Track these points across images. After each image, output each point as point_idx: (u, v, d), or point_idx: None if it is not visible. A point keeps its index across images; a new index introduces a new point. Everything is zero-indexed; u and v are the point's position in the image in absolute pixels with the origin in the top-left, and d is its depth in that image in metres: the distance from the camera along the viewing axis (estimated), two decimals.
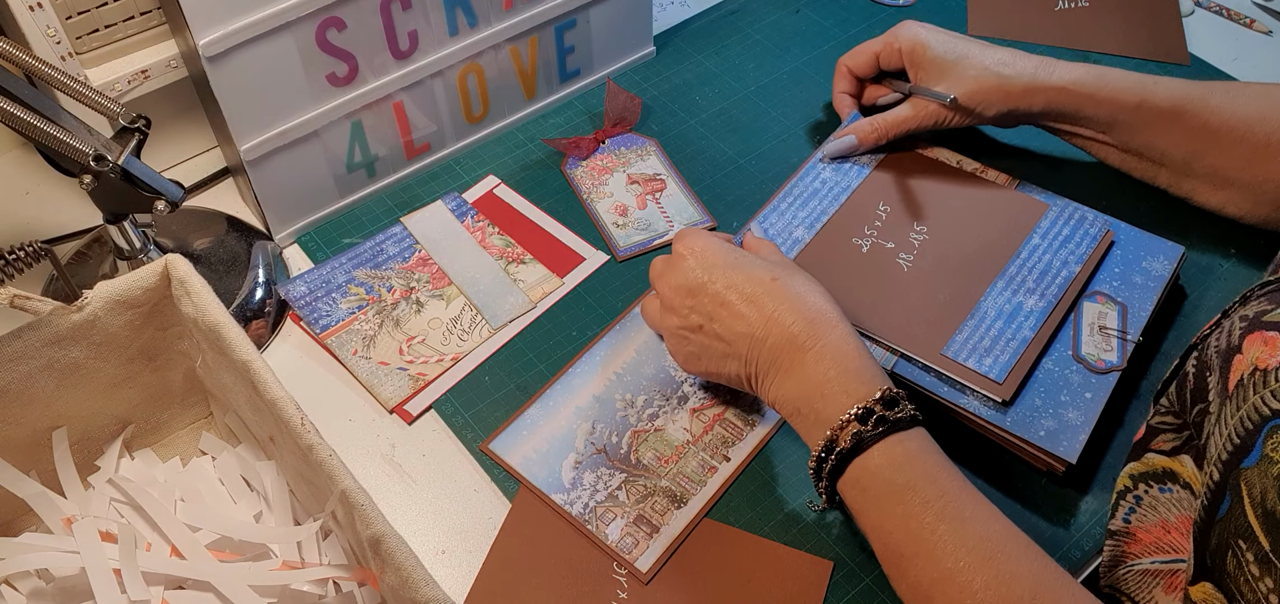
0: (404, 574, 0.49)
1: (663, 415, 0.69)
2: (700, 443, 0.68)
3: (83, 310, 0.60)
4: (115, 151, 0.66)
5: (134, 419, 0.67)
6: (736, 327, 0.63)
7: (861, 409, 0.57)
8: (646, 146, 0.90)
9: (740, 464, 0.67)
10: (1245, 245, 0.80)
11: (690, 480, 0.66)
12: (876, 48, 0.85)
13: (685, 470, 0.67)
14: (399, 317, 0.77)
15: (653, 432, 0.69)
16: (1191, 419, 0.57)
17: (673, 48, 1.00)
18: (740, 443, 0.69)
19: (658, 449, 0.68)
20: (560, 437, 0.69)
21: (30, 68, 0.66)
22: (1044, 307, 0.71)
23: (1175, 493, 0.57)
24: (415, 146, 0.86)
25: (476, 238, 0.82)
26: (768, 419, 0.70)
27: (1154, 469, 0.59)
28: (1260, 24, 1.03)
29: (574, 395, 0.71)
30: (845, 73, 0.88)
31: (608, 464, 0.67)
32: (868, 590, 0.63)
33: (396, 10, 0.78)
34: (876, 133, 0.83)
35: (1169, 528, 0.57)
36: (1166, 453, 0.59)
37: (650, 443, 0.68)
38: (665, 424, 0.69)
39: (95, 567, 0.58)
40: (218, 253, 0.79)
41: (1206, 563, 0.48)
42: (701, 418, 0.69)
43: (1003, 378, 0.67)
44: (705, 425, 0.69)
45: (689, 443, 0.68)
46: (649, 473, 0.66)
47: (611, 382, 0.71)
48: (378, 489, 0.68)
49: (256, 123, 0.76)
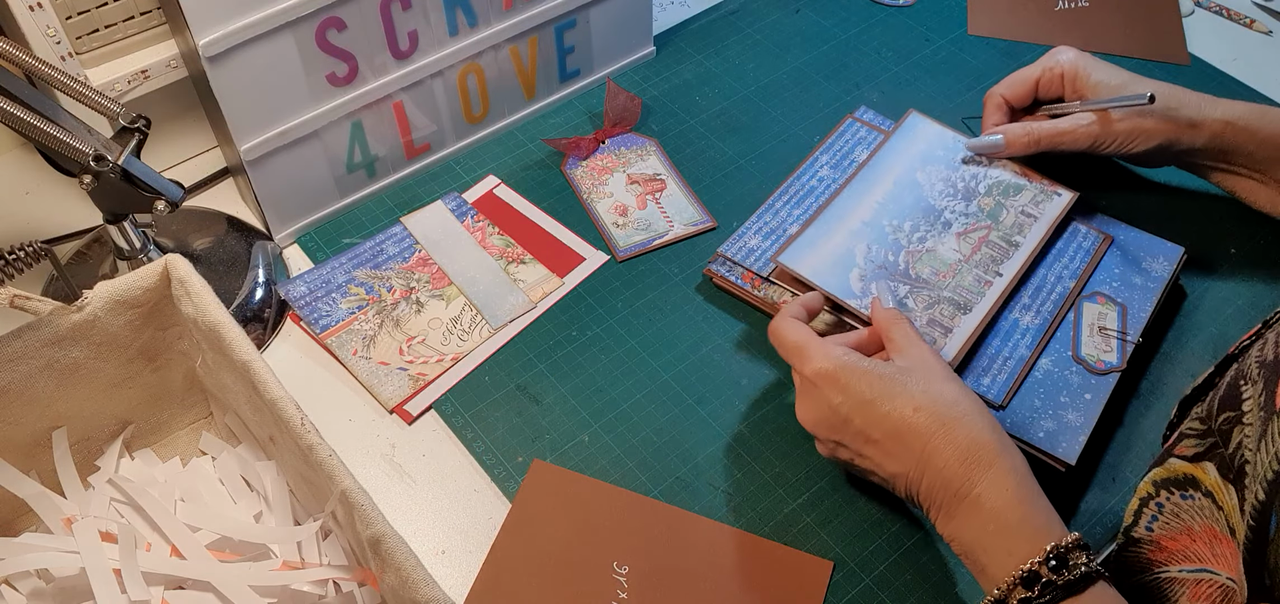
0: (404, 574, 0.49)
1: (931, 238, 0.74)
2: (971, 261, 0.73)
3: (83, 310, 0.60)
4: (115, 151, 0.66)
5: (134, 419, 0.67)
6: (889, 466, 0.59)
7: (1026, 572, 0.52)
8: (646, 146, 0.90)
9: (1013, 277, 0.72)
10: (1245, 245, 0.80)
11: (970, 291, 0.71)
12: (1035, 74, 0.80)
13: (963, 283, 0.72)
14: (399, 317, 0.77)
15: (925, 252, 0.74)
16: (1217, 427, 0.56)
17: (673, 48, 1.00)
18: (1009, 260, 0.73)
19: (933, 266, 0.73)
20: (841, 254, 0.73)
21: (30, 68, 0.66)
22: (1040, 324, 0.71)
23: (1197, 500, 0.56)
24: (415, 146, 0.86)
25: (476, 238, 0.82)
26: (1034, 235, 0.74)
27: (1175, 475, 0.58)
28: (1260, 24, 1.03)
29: (844, 221, 0.75)
30: (999, 103, 0.82)
31: (890, 278, 0.72)
32: (868, 590, 0.63)
33: (396, 10, 0.78)
34: (1028, 138, 0.78)
35: (1194, 536, 0.56)
36: (1188, 459, 0.58)
37: (925, 261, 0.73)
38: (935, 245, 0.74)
39: (95, 567, 0.58)
40: (218, 253, 0.79)
41: (1264, 582, 0.47)
42: (968, 239, 0.74)
43: (1001, 399, 0.67)
44: (973, 246, 0.74)
45: (961, 261, 0.73)
46: (930, 286, 0.71)
47: (876, 209, 0.76)
48: (378, 489, 0.68)
49: (256, 123, 0.76)
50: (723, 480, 0.68)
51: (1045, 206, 0.77)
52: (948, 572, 0.63)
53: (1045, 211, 0.76)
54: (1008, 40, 1.01)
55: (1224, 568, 0.54)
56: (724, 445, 0.70)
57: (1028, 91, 0.81)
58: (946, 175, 0.79)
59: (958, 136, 0.82)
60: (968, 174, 0.79)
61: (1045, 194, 0.77)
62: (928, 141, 0.82)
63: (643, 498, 0.67)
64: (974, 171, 0.79)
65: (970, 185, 0.78)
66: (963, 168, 0.79)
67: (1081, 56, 0.79)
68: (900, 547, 0.64)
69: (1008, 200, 0.77)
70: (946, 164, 0.80)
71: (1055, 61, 0.80)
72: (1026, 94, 0.81)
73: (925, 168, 0.80)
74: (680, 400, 0.72)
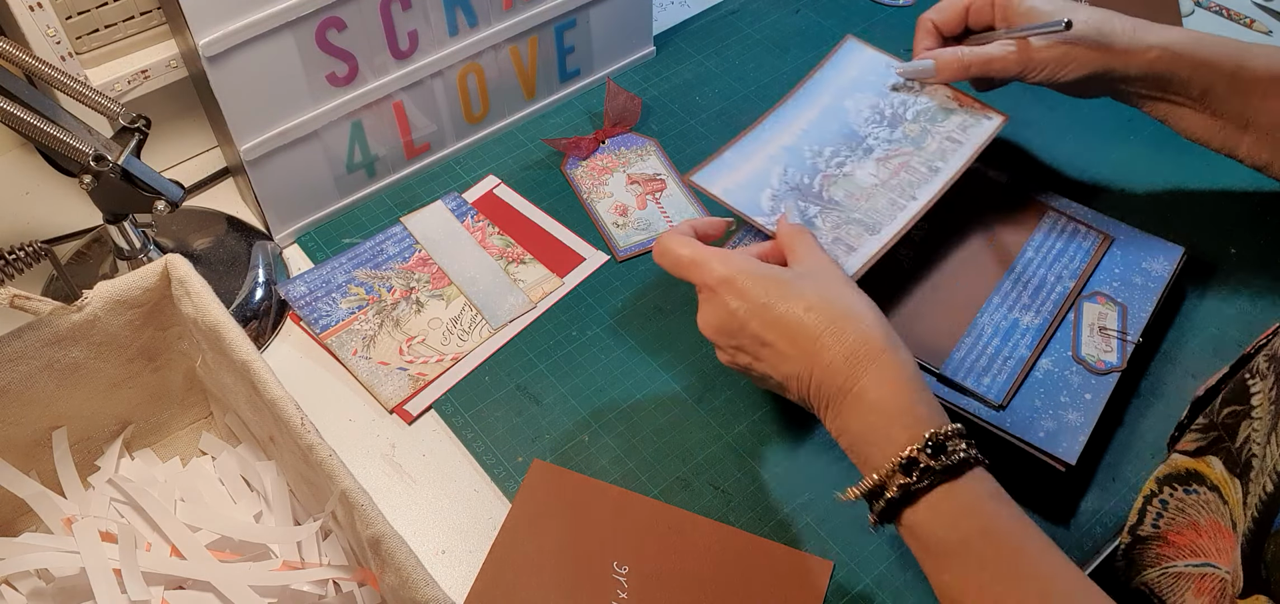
0: (404, 574, 0.49)
1: (850, 163, 0.74)
2: (887, 185, 0.72)
3: (83, 310, 0.60)
4: (115, 151, 0.66)
5: (134, 419, 0.67)
6: (782, 367, 0.59)
7: (904, 458, 0.53)
8: (646, 146, 0.90)
9: (927, 203, 0.71)
10: (1245, 245, 0.80)
11: (880, 214, 0.70)
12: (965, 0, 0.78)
13: (875, 207, 0.71)
14: (399, 317, 0.77)
15: (841, 176, 0.73)
16: (1221, 421, 0.56)
17: (673, 48, 1.00)
18: (926, 185, 0.72)
19: (847, 190, 0.72)
20: (756, 175, 0.73)
21: (30, 68, 0.66)
22: (1041, 323, 0.71)
23: (1201, 494, 0.56)
24: (415, 146, 0.86)
25: (476, 238, 0.82)
26: (956, 160, 0.73)
27: (1178, 471, 0.58)
28: (1260, 24, 1.03)
29: (765, 145, 0.75)
30: (929, 28, 0.80)
31: (802, 198, 0.71)
32: (868, 590, 0.63)
33: (396, 10, 0.78)
34: (958, 64, 0.76)
35: (1200, 531, 0.56)
36: (1191, 453, 0.58)
37: (840, 184, 0.72)
38: (853, 170, 0.73)
39: (95, 567, 0.58)
40: (218, 253, 0.79)
41: (1261, 575, 0.47)
42: (887, 165, 0.73)
43: (1001, 398, 0.67)
44: (892, 171, 0.73)
45: (877, 186, 0.72)
46: (841, 208, 0.71)
47: (799, 136, 0.75)
48: (378, 489, 0.68)
49: (256, 123, 0.76)
50: (723, 480, 0.68)
51: (972, 131, 0.75)
52: None
53: (971, 136, 0.74)
54: None
55: (1226, 562, 0.54)
56: (724, 445, 0.70)
57: (958, 17, 0.79)
58: (875, 103, 0.78)
59: (891, 62, 0.80)
60: (896, 100, 0.78)
61: (974, 118, 0.76)
62: (860, 68, 0.81)
63: (643, 498, 0.67)
64: (903, 99, 0.78)
65: (898, 112, 0.77)
66: (892, 95, 0.78)
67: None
68: (900, 546, 0.64)
69: (934, 126, 0.75)
70: (875, 91, 0.79)
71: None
72: (957, 20, 0.79)
73: (854, 94, 0.79)
74: (680, 400, 0.72)
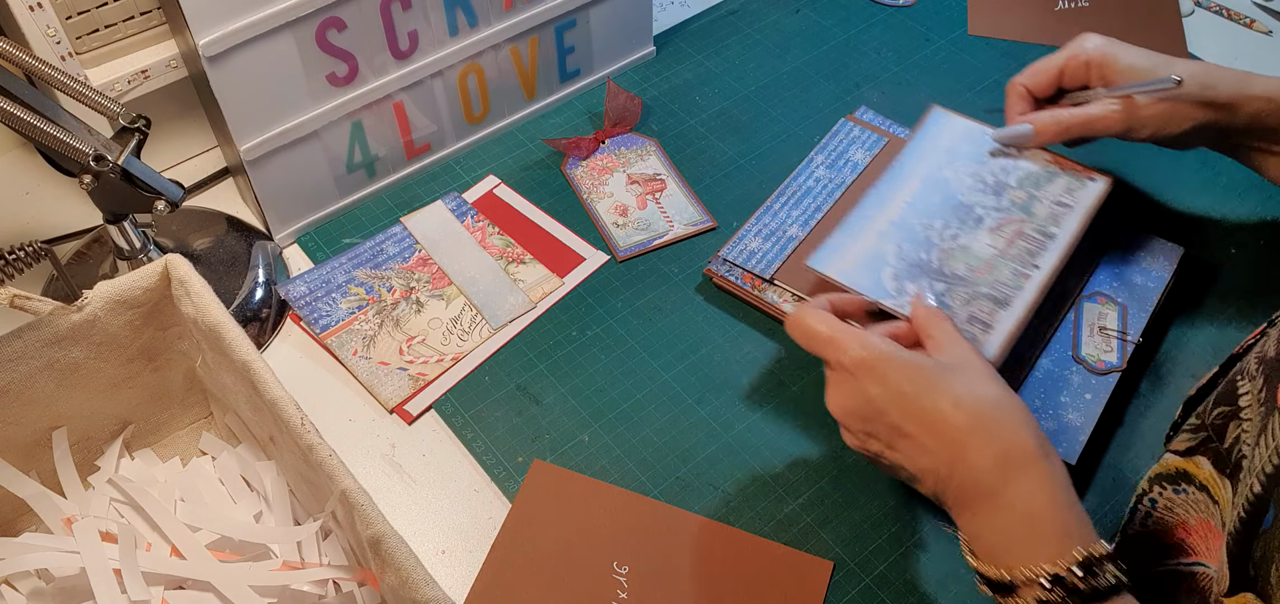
0: (404, 574, 0.49)
1: (964, 234, 0.71)
2: (1006, 255, 0.70)
3: (83, 310, 0.60)
4: (115, 151, 0.66)
5: (134, 419, 0.67)
6: (919, 460, 0.56)
7: (1052, 574, 0.50)
8: (646, 146, 0.90)
9: (1052, 270, 0.69)
10: (1245, 245, 0.80)
11: (1007, 286, 0.68)
12: (1059, 62, 0.76)
13: (1000, 278, 0.68)
14: (399, 317, 0.77)
15: (958, 249, 0.70)
16: (1210, 422, 0.56)
17: (673, 48, 1.00)
18: (1045, 251, 0.70)
19: (968, 262, 0.69)
20: (871, 254, 0.69)
21: (30, 68, 0.66)
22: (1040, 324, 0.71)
23: (1190, 494, 0.56)
24: (415, 146, 0.86)
25: (476, 238, 0.82)
26: (1070, 223, 0.72)
27: (1168, 470, 0.59)
28: (1260, 24, 1.03)
29: (872, 222, 0.72)
30: (1021, 92, 0.78)
31: (925, 275, 0.68)
32: (868, 590, 0.63)
33: (396, 10, 0.78)
34: (1057, 126, 0.74)
35: (1189, 530, 0.56)
36: (1181, 454, 0.58)
37: (958, 257, 0.70)
38: (968, 242, 0.71)
39: (95, 567, 0.58)
40: (218, 253, 0.79)
41: (1248, 574, 0.47)
42: (1001, 234, 0.71)
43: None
44: (1007, 239, 0.71)
45: (996, 255, 0.70)
46: (966, 283, 0.68)
47: (904, 209, 0.73)
48: (378, 489, 0.68)
49: (256, 123, 0.76)
50: (723, 480, 0.68)
51: (1079, 194, 0.74)
52: (948, 572, 0.63)
53: (1079, 200, 0.74)
54: (1008, 40, 1.01)
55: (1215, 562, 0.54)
56: (724, 445, 0.70)
57: (1051, 80, 0.78)
58: (975, 170, 0.76)
59: (984, 129, 0.79)
60: (996, 167, 0.76)
61: (1078, 181, 0.75)
62: (953, 137, 0.79)
63: (643, 498, 0.67)
64: (1003, 164, 0.76)
65: (1000, 179, 0.75)
66: (991, 162, 0.77)
67: (1109, 41, 0.75)
68: (900, 547, 0.64)
69: (1040, 191, 0.74)
70: (974, 159, 0.77)
71: (1081, 48, 0.76)
72: (1049, 83, 0.78)
73: (953, 164, 0.77)
74: (680, 400, 0.72)
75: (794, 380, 0.73)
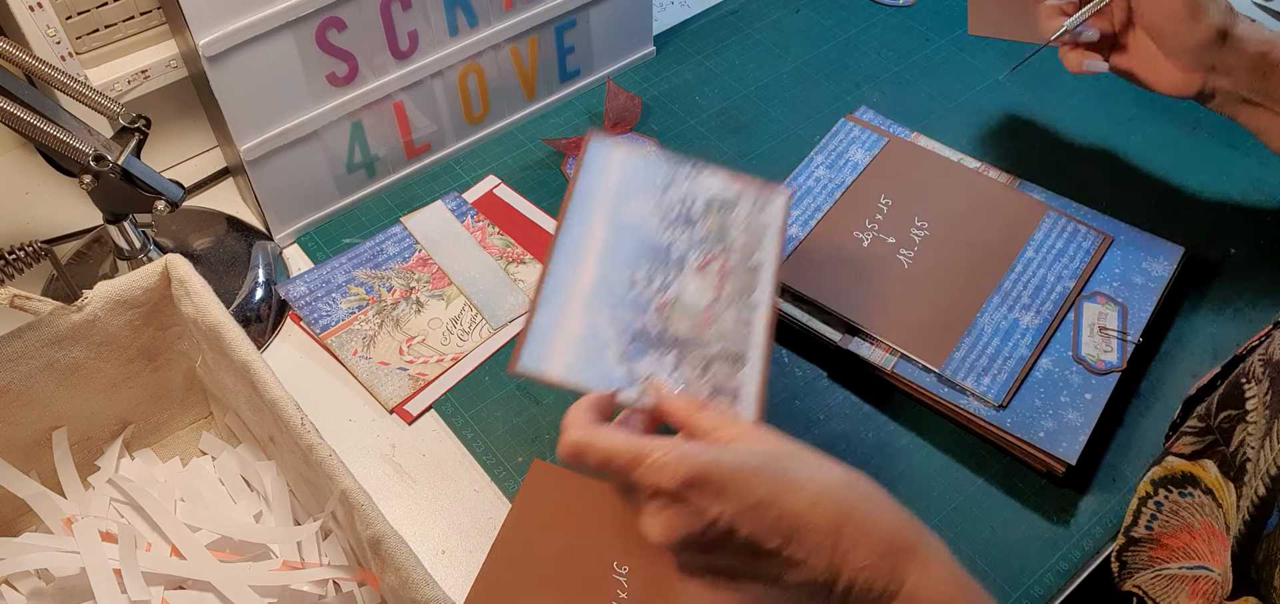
0: (404, 574, 0.49)
1: (673, 283, 0.62)
2: (723, 300, 0.61)
3: (83, 310, 0.60)
4: (115, 151, 0.66)
5: (134, 419, 0.67)
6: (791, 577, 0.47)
7: None
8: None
9: (768, 303, 0.61)
10: (1245, 245, 0.80)
11: (735, 337, 0.59)
12: None
13: (725, 330, 0.60)
14: (399, 317, 0.77)
15: (672, 303, 0.61)
16: (1217, 425, 0.56)
17: (673, 48, 1.00)
18: (758, 285, 0.62)
19: (689, 318, 0.60)
20: (586, 334, 0.59)
21: (30, 68, 0.66)
22: (1040, 324, 0.71)
23: (1196, 498, 0.56)
24: (415, 146, 0.86)
25: (476, 238, 0.82)
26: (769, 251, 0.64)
27: (1173, 473, 0.58)
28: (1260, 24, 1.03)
29: (568, 289, 0.61)
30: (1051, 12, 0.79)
31: (653, 348, 0.59)
32: None
33: (396, 10, 0.78)
34: None
35: (1194, 533, 0.56)
36: (1186, 457, 0.58)
37: (677, 313, 0.61)
38: (680, 291, 0.62)
39: (95, 567, 0.58)
40: (218, 253, 0.79)
41: (1251, 576, 0.47)
42: (709, 274, 0.62)
43: (1001, 398, 0.67)
44: (717, 282, 0.62)
45: (714, 302, 0.61)
46: (694, 344, 0.59)
47: (599, 265, 0.62)
48: (378, 489, 0.68)
49: (256, 123, 0.76)
50: None
51: (768, 211, 0.67)
52: None
53: (770, 217, 0.67)
54: (1008, 40, 1.01)
55: (1219, 565, 0.54)
56: None
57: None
58: (656, 202, 0.66)
59: (647, 157, 0.70)
60: (676, 196, 0.67)
61: (762, 197, 0.68)
62: (624, 170, 0.68)
63: None
64: (683, 191, 0.68)
65: (686, 208, 0.67)
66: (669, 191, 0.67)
67: None
68: None
69: (729, 216, 0.67)
70: (650, 187, 0.67)
71: None
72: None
73: (631, 199, 0.66)
74: None
75: (794, 381, 0.73)
